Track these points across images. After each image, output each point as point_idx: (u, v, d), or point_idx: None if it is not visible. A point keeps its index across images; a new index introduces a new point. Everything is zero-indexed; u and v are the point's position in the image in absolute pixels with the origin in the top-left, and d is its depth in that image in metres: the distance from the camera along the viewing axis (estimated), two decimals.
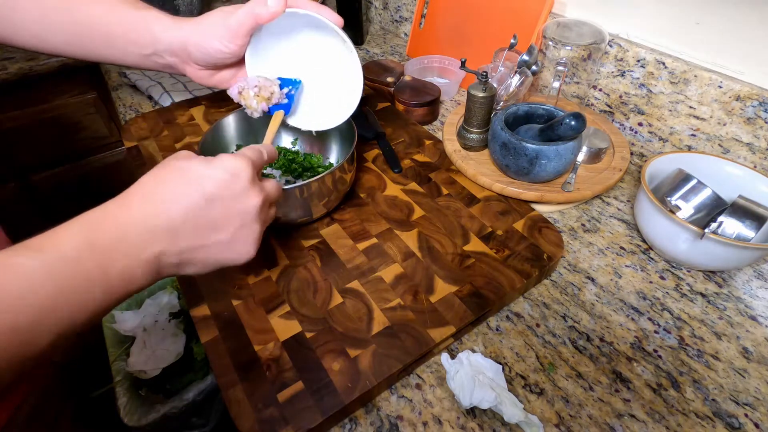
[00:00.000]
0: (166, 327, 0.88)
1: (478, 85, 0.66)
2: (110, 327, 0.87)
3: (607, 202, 0.67)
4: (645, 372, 0.47)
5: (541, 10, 0.80)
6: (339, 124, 0.61)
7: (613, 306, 0.53)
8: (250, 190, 0.35)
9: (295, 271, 0.55)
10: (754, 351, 0.48)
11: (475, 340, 0.50)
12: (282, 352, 0.47)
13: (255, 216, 0.36)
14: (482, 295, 0.51)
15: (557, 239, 0.58)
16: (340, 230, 0.60)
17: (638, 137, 0.77)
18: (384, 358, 0.46)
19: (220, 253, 0.35)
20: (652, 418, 0.43)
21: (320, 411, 0.42)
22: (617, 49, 0.73)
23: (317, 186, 0.54)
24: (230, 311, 0.51)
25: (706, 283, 0.56)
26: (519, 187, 0.63)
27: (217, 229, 0.34)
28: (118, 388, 0.78)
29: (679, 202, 0.55)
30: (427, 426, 0.43)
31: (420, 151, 0.74)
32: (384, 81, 0.88)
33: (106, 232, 0.30)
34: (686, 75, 0.67)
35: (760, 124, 0.62)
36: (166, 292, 0.95)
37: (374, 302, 0.51)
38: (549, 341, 0.50)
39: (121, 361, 0.83)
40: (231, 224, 0.34)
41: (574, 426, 0.43)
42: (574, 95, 0.81)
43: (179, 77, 0.93)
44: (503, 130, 0.61)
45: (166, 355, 0.84)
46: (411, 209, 0.63)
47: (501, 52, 0.78)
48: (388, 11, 1.18)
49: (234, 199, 0.34)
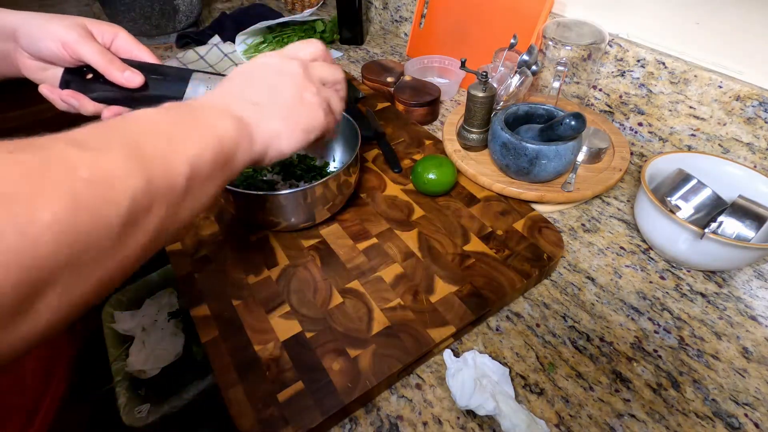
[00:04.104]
0: (165, 327, 0.88)
1: (478, 85, 0.66)
2: (110, 327, 0.87)
3: (607, 202, 0.67)
4: (645, 372, 0.47)
5: (541, 10, 0.80)
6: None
7: (613, 306, 0.53)
8: (289, 59, 0.40)
9: (295, 271, 0.55)
10: (754, 351, 0.48)
11: (475, 340, 0.50)
12: (282, 352, 0.47)
13: (303, 79, 0.39)
14: (482, 295, 0.51)
15: (557, 239, 0.58)
16: (340, 230, 0.60)
17: (638, 137, 0.77)
18: (384, 358, 0.46)
19: (293, 113, 0.38)
20: (652, 418, 0.43)
21: (320, 411, 0.42)
22: (617, 49, 0.73)
23: (322, 190, 0.54)
24: (230, 311, 0.51)
25: (706, 283, 0.56)
26: (519, 187, 0.63)
27: (275, 88, 0.38)
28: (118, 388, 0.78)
29: (679, 202, 0.55)
30: (427, 426, 0.43)
31: (420, 151, 0.74)
32: (384, 81, 0.88)
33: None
34: (686, 75, 0.67)
35: (760, 124, 0.62)
36: (166, 292, 0.95)
37: (374, 302, 0.51)
38: (549, 341, 0.50)
39: (121, 361, 0.83)
40: (285, 83, 0.38)
41: (574, 426, 0.43)
42: (574, 95, 0.81)
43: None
44: (503, 130, 0.61)
45: (165, 355, 0.84)
46: (411, 209, 0.63)
47: (501, 52, 0.78)
48: (388, 11, 1.18)
49: (278, 63, 0.40)
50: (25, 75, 0.48)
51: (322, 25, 1.12)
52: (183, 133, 0.30)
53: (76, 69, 0.45)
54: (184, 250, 0.58)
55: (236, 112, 0.34)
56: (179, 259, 0.57)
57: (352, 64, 1.06)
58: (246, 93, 0.37)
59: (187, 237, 0.60)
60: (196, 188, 0.29)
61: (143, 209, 0.25)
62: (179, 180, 0.27)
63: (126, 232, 0.24)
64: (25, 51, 0.45)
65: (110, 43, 0.45)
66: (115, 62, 0.43)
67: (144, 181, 0.25)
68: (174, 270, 0.56)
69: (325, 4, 1.37)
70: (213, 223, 0.62)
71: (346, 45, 1.15)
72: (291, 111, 0.38)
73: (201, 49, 1.11)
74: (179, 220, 0.29)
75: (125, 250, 0.24)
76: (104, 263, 0.23)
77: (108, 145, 0.25)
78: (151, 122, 0.29)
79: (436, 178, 0.62)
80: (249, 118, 0.35)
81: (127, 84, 0.44)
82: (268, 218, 0.55)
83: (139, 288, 0.95)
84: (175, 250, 0.58)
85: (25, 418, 0.56)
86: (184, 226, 0.30)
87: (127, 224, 0.24)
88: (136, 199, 0.24)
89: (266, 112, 0.36)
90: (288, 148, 0.38)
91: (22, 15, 0.45)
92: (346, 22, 1.11)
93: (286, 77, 0.39)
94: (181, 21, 1.17)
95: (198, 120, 0.32)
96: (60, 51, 0.43)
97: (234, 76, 0.38)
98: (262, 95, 0.37)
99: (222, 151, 0.31)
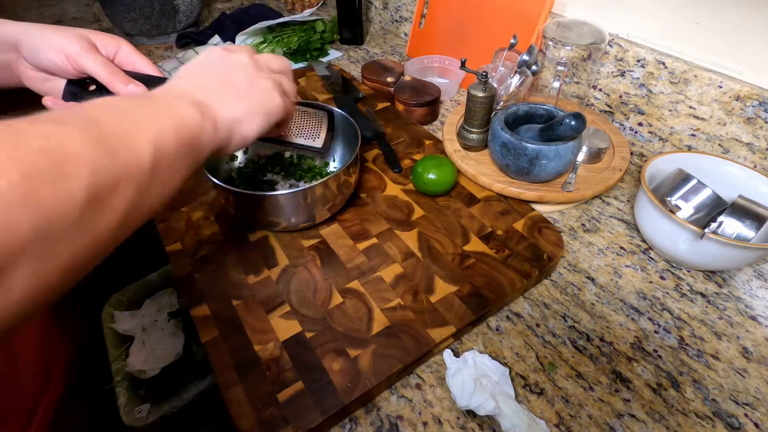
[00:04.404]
0: (165, 327, 0.88)
1: (478, 85, 0.66)
2: (110, 327, 0.87)
3: (607, 202, 0.67)
4: (645, 372, 0.47)
5: (541, 10, 0.80)
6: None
7: (613, 306, 0.53)
8: (237, 50, 0.42)
9: (295, 271, 0.55)
10: (754, 351, 0.48)
11: (475, 340, 0.50)
12: (282, 352, 0.47)
13: (252, 67, 0.40)
14: (482, 295, 0.51)
15: (557, 239, 0.58)
16: (340, 230, 0.60)
17: (638, 137, 0.77)
18: (384, 358, 0.46)
19: (250, 98, 0.39)
20: (652, 418, 0.43)
21: (320, 411, 0.42)
22: (617, 49, 0.73)
23: (322, 190, 0.54)
24: (230, 311, 0.51)
25: (706, 283, 0.56)
26: (519, 187, 0.63)
27: (227, 76, 0.39)
28: (118, 388, 0.78)
29: (679, 202, 0.55)
30: (427, 426, 0.43)
31: (420, 151, 0.74)
32: (384, 81, 0.88)
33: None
34: (686, 75, 0.67)
35: (760, 124, 0.62)
36: (166, 292, 0.95)
37: (374, 302, 0.51)
38: (549, 341, 0.50)
39: (121, 361, 0.83)
40: (236, 72, 0.40)
41: (574, 426, 0.43)
42: (574, 95, 0.81)
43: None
44: (503, 130, 0.61)
45: (165, 355, 0.84)
46: (411, 209, 0.63)
47: (501, 52, 0.78)
48: (388, 11, 1.18)
49: (226, 55, 0.41)
50: (27, 85, 0.49)
51: (322, 25, 1.12)
52: (144, 114, 0.30)
53: (78, 81, 0.45)
54: (184, 250, 0.58)
55: (197, 97, 0.35)
56: (179, 259, 0.57)
57: (352, 64, 1.06)
58: (200, 82, 0.38)
59: (187, 237, 0.60)
60: (164, 169, 0.30)
61: (108, 185, 0.25)
62: (144, 158, 0.28)
63: (93, 207, 0.24)
64: (27, 62, 0.46)
65: (113, 56, 0.46)
66: (119, 74, 0.44)
67: (105, 157, 0.25)
68: (174, 270, 0.56)
69: (325, 4, 1.37)
70: (213, 223, 0.62)
71: (346, 45, 1.15)
72: (247, 96, 0.39)
73: (201, 49, 1.11)
74: (149, 202, 0.29)
75: (94, 228, 0.25)
76: (74, 240, 0.24)
77: (63, 121, 0.26)
78: (111, 105, 0.30)
79: (436, 178, 0.62)
80: (209, 103, 0.36)
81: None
82: (268, 218, 0.55)
83: (139, 288, 0.95)
84: (175, 250, 0.58)
85: (24, 419, 0.56)
86: (154, 210, 0.31)
87: (93, 198, 0.24)
88: (98, 174, 0.25)
89: (224, 99, 0.37)
90: (251, 132, 0.39)
91: (25, 26, 0.45)
92: (346, 22, 1.11)
93: (236, 67, 0.40)
94: (181, 21, 1.17)
95: (159, 104, 0.33)
96: (63, 62, 0.43)
97: (184, 71, 0.39)
98: (217, 84, 0.38)
99: (186, 132, 0.32)
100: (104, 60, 0.43)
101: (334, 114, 0.60)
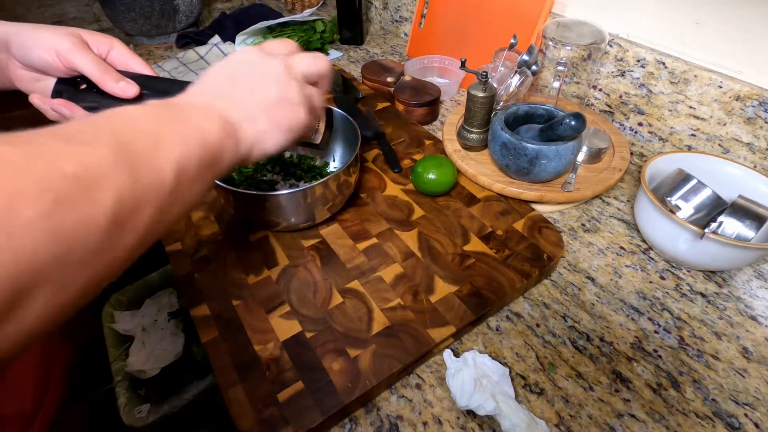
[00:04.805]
0: (165, 327, 0.88)
1: (478, 85, 0.66)
2: (110, 327, 0.87)
3: (607, 202, 0.67)
4: (645, 372, 0.47)
5: (541, 10, 0.80)
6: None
7: (613, 306, 0.53)
8: (271, 56, 0.39)
9: (295, 271, 0.55)
10: (754, 351, 0.48)
11: (475, 340, 0.50)
12: (282, 352, 0.47)
13: (285, 77, 0.39)
14: (482, 295, 0.51)
15: (557, 239, 0.58)
16: (340, 230, 0.60)
17: (638, 137, 0.77)
18: (384, 358, 0.46)
19: (276, 113, 0.38)
20: (652, 418, 0.43)
21: (320, 411, 0.42)
22: (617, 49, 0.73)
23: (322, 190, 0.54)
24: (230, 311, 0.51)
25: (706, 283, 0.56)
26: (519, 187, 0.63)
27: (258, 87, 0.38)
28: (118, 388, 0.78)
29: (679, 202, 0.55)
30: (427, 426, 0.43)
31: (420, 151, 0.74)
32: (384, 81, 0.88)
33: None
34: (686, 75, 0.67)
35: (760, 124, 0.62)
36: (166, 292, 0.95)
37: (374, 302, 0.51)
38: (549, 341, 0.50)
39: (121, 361, 0.83)
40: (268, 83, 0.38)
41: (574, 426, 0.43)
42: (574, 95, 0.81)
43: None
44: (503, 130, 0.61)
45: (165, 355, 0.84)
46: (411, 209, 0.63)
47: (501, 52, 0.78)
48: (388, 11, 1.18)
49: (260, 62, 0.39)
50: (18, 86, 0.47)
51: (322, 25, 1.12)
52: (169, 133, 0.29)
53: (69, 79, 0.44)
54: (184, 250, 0.58)
55: (222, 112, 0.34)
56: (179, 259, 0.57)
57: (352, 64, 1.06)
58: (230, 92, 0.37)
59: (187, 237, 0.60)
60: (183, 189, 0.29)
61: (130, 209, 0.24)
62: (166, 180, 0.27)
63: (114, 232, 0.23)
64: (18, 61, 0.44)
65: (106, 55, 0.45)
66: (111, 72, 0.43)
67: (130, 180, 0.24)
68: (174, 270, 0.56)
69: (325, 4, 1.37)
70: (213, 223, 0.62)
71: (346, 45, 1.15)
72: (274, 111, 0.38)
73: (201, 49, 1.11)
74: (167, 220, 0.29)
75: (114, 251, 0.24)
76: (93, 264, 0.23)
77: (95, 140, 0.24)
78: (136, 120, 0.29)
79: (436, 178, 0.62)
80: (234, 119, 0.35)
81: (123, 94, 0.43)
82: (268, 218, 0.55)
83: (139, 288, 0.95)
84: (175, 250, 0.58)
85: (24, 419, 0.56)
86: (172, 226, 0.30)
87: (115, 224, 0.23)
88: (123, 199, 0.24)
89: (251, 113, 0.36)
90: (272, 148, 0.38)
91: (16, 25, 0.44)
92: (346, 22, 1.11)
93: (269, 76, 0.38)
94: (181, 21, 1.17)
95: (183, 119, 0.31)
96: (54, 60, 0.42)
97: (216, 72, 0.38)
98: (247, 95, 0.37)
99: (208, 151, 0.31)
100: (95, 57, 0.43)
101: (333, 112, 0.60)
